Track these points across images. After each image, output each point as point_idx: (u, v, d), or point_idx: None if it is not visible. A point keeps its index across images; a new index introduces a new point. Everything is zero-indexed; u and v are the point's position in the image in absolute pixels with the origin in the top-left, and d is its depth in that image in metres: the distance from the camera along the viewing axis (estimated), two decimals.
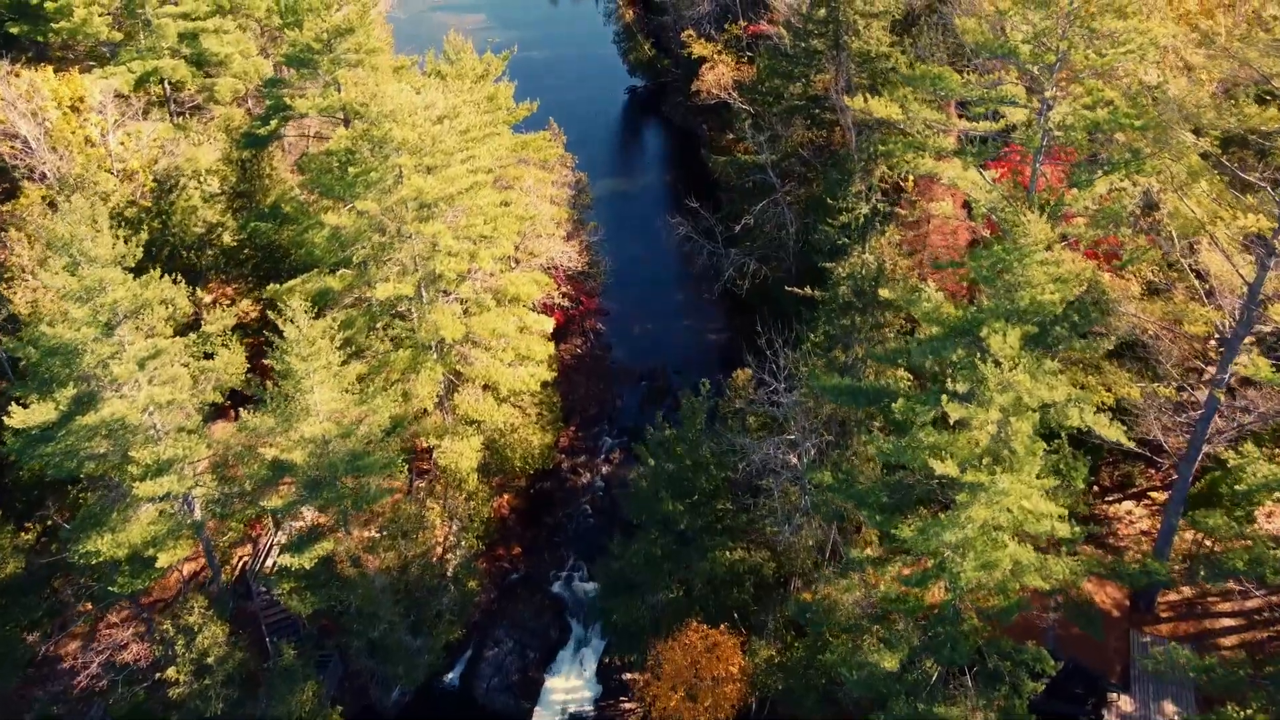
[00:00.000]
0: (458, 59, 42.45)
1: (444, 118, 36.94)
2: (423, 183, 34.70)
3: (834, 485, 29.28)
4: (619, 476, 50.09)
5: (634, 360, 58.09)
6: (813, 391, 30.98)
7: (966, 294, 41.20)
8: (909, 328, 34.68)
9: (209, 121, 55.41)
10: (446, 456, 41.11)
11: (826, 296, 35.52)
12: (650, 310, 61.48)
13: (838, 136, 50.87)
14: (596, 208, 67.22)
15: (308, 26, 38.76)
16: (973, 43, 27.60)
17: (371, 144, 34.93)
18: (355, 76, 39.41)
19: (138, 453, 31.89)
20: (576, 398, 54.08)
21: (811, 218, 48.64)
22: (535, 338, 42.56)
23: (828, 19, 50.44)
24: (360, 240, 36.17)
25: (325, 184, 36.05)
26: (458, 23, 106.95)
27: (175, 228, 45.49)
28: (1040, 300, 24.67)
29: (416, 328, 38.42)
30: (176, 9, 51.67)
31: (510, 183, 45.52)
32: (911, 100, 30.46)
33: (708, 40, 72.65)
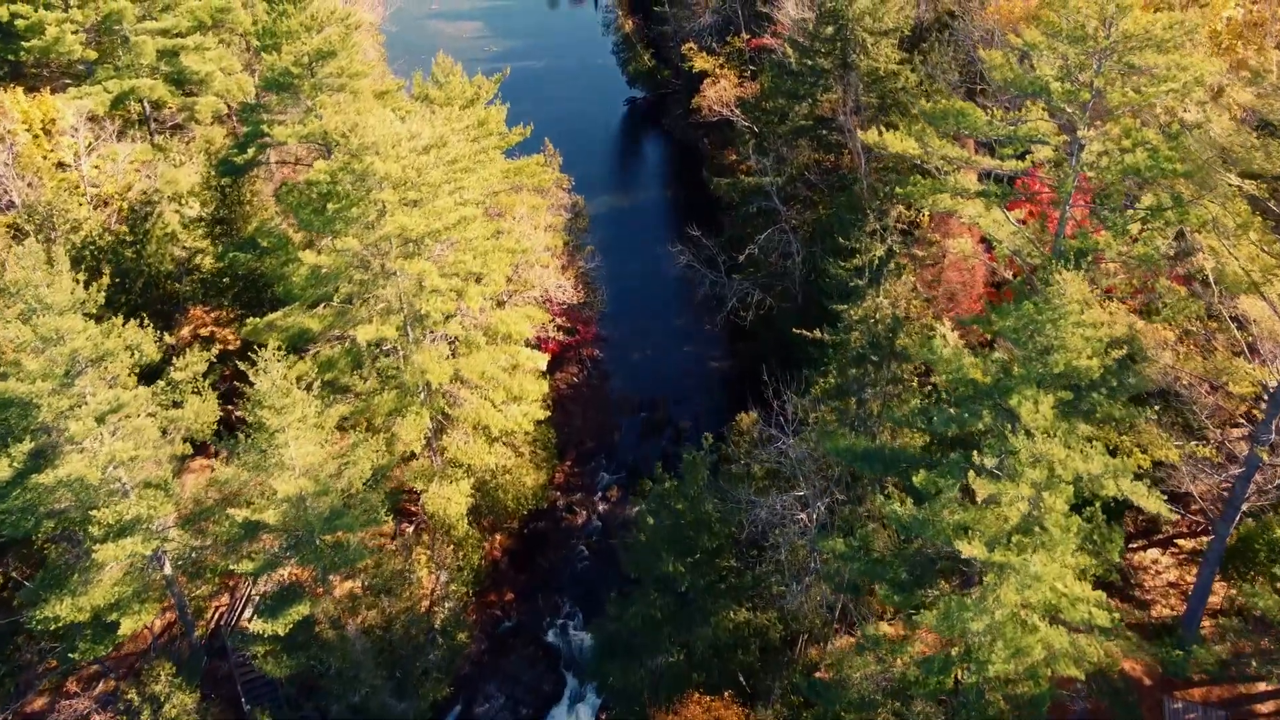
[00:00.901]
0: (446, 82, 40.27)
1: (430, 148, 34.74)
2: (407, 219, 32.53)
3: (847, 554, 27.09)
4: (617, 515, 47.90)
5: (633, 389, 55.86)
6: (824, 453, 28.76)
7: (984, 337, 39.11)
8: (928, 382, 32.49)
9: (190, 141, 53.31)
10: (434, 502, 38.96)
11: (837, 340, 33.35)
12: (650, 335, 59.30)
13: (846, 160, 48.71)
14: (594, 227, 65.15)
15: (286, 50, 36.59)
16: (1000, 80, 25.44)
17: (352, 177, 32.75)
18: (337, 102, 37.28)
19: (99, 512, 29.73)
20: (572, 430, 51.87)
21: (818, 245, 46.45)
22: (528, 376, 40.38)
23: (835, 36, 48.30)
24: (341, 278, 33.99)
25: (304, 218, 33.86)
26: (454, 32, 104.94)
27: (150, 257, 43.31)
28: (1076, 365, 22.47)
29: (401, 369, 36.23)
30: (155, 25, 49.55)
31: (502, 211, 43.35)
32: (930, 136, 28.27)
33: (709, 53, 70.56)
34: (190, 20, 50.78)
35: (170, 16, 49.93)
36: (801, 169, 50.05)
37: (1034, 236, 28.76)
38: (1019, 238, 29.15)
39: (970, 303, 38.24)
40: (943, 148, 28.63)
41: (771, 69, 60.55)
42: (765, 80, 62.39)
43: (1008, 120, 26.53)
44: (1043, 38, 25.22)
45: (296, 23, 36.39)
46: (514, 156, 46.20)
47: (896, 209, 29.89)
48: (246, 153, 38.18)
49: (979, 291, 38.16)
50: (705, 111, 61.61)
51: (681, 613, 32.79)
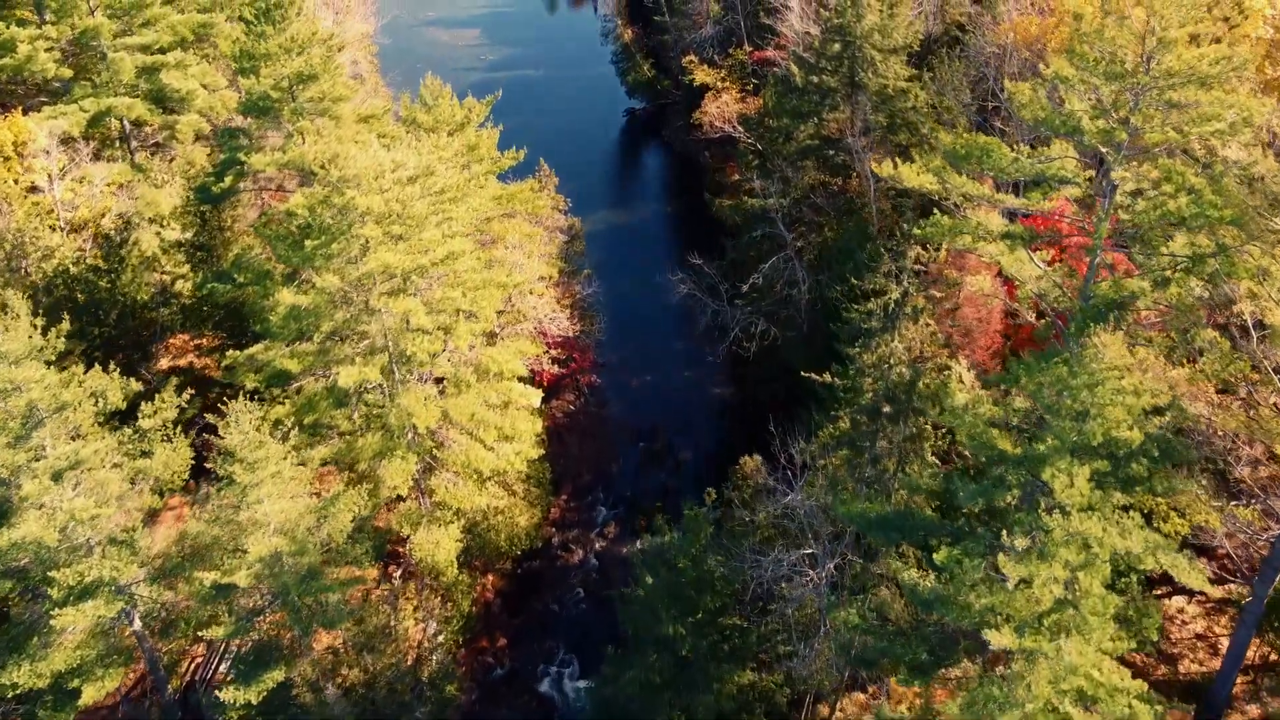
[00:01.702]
0: (435, 105, 38.26)
1: (416, 178, 32.74)
2: (391, 256, 30.54)
3: (861, 626, 25.13)
4: (614, 553, 45.92)
5: (632, 416, 53.84)
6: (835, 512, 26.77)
7: (1001, 369, 37.13)
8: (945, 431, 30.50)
9: (172, 160, 51.31)
10: (422, 548, 36.94)
11: (848, 385, 31.38)
12: (649, 359, 57.20)
13: (854, 184, 46.75)
14: (592, 245, 63.16)
15: (265, 74, 34.59)
16: (1029, 118, 23.44)
17: (332, 212, 30.76)
18: (319, 128, 35.33)
19: (60, 573, 27.72)
20: (569, 461, 49.88)
21: (825, 273, 44.50)
22: (521, 413, 38.39)
23: (842, 54, 46.35)
24: (322, 316, 31.97)
25: (282, 253, 31.89)
26: (450, 40, 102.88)
27: (125, 286, 41.31)
28: (1116, 436, 20.47)
29: (386, 411, 34.22)
30: (134, 40, 47.53)
31: (495, 238, 41.36)
32: (949, 172, 26.29)
33: (710, 66, 68.61)
34: (171, 36, 48.78)
35: (150, 32, 47.91)
36: (807, 191, 48.08)
37: (1061, 281, 26.78)
38: (1045, 281, 27.19)
39: (987, 339, 36.30)
40: (963, 185, 26.65)
41: (775, 85, 58.58)
42: (768, 95, 60.46)
43: (1035, 159, 24.54)
44: (1074, 71, 23.25)
45: (275, 45, 34.41)
46: (508, 178, 44.22)
47: (914, 250, 27.94)
48: (224, 181, 36.18)
49: (996, 328, 36.19)
50: (706, 128, 59.62)
51: (682, 676, 30.80)
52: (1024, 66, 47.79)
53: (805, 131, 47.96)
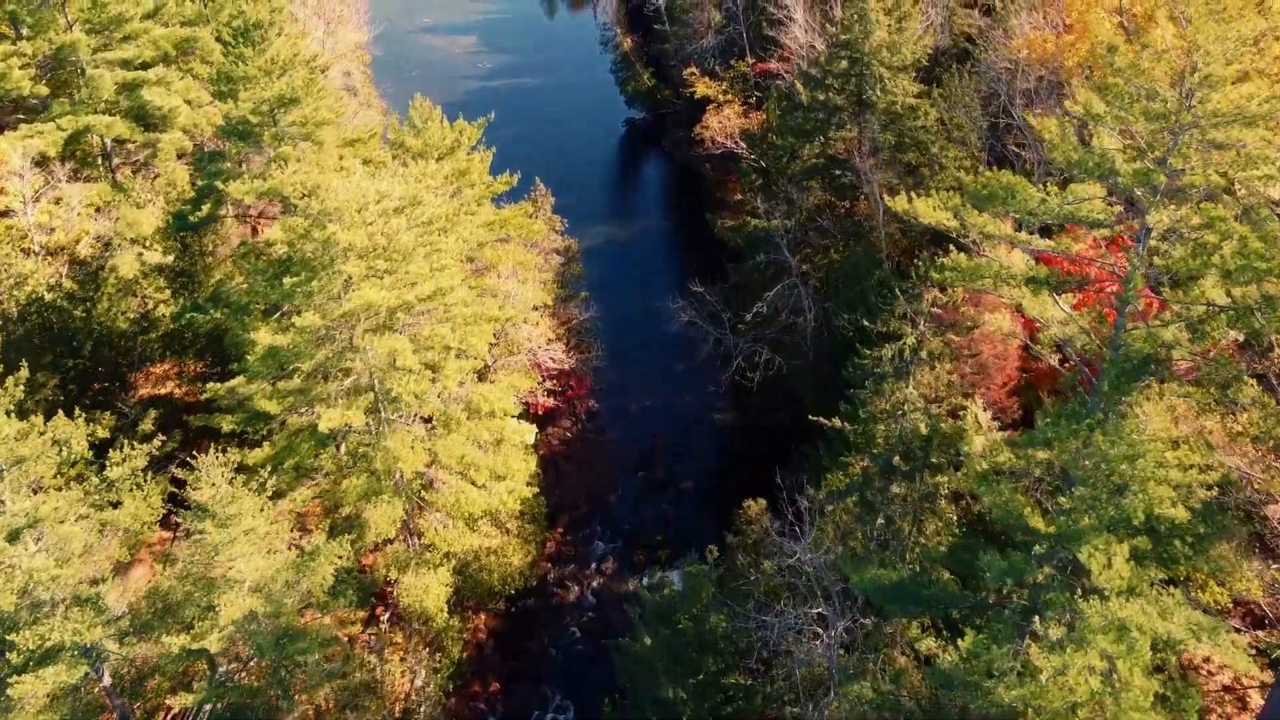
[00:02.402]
0: (424, 128, 36.47)
1: (403, 208, 30.98)
2: (375, 294, 28.76)
3: (876, 701, 23.36)
4: (612, 591, 44.16)
5: (630, 442, 52.04)
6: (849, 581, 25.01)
7: (1019, 408, 35.41)
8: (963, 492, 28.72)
9: (156, 178, 49.50)
10: (410, 594, 35.23)
11: (858, 430, 29.65)
12: (649, 382, 55.32)
13: (862, 205, 45.00)
14: (590, 261, 61.47)
15: (244, 97, 32.83)
16: (1060, 160, 21.67)
17: (313, 246, 28.99)
18: (301, 152, 33.58)
19: (19, 636, 25.93)
20: (565, 491, 48.08)
21: (832, 300, 42.74)
22: (514, 451, 36.64)
23: (849, 71, 44.59)
24: (302, 357, 30.22)
25: (259, 289, 30.13)
26: (446, 47, 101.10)
27: (102, 315, 39.56)
28: (1159, 514, 18.70)
29: (371, 453, 32.46)
30: (115, 55, 45.74)
31: (487, 266, 39.60)
32: (968, 210, 24.51)
33: (712, 77, 66.79)
34: (154, 50, 46.98)
35: (131, 47, 46.12)
36: (812, 213, 46.32)
37: (1088, 327, 24.99)
38: (1071, 327, 25.39)
39: (1004, 376, 34.53)
40: (983, 224, 24.86)
41: (778, 100, 56.85)
42: (771, 108, 58.73)
43: (1063, 199, 22.77)
44: (1106, 108, 21.48)
45: (255, 67, 32.63)
46: (502, 198, 42.41)
47: (930, 292, 26.21)
48: (201, 209, 34.40)
49: (1014, 364, 34.44)
50: (708, 143, 57.83)
51: None
52: (1039, 84, 46.07)
53: (811, 150, 46.23)
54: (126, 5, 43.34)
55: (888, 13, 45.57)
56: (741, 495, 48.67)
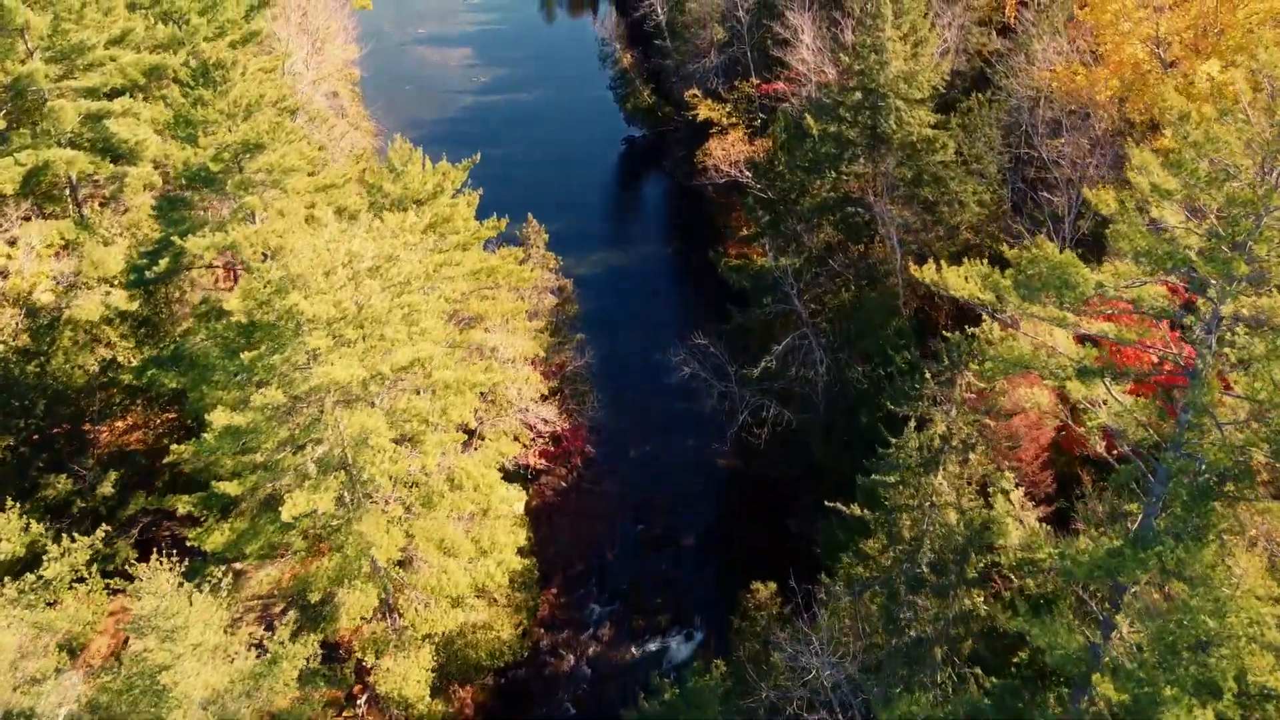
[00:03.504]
0: (404, 171, 33.49)
1: (377, 268, 28.05)
2: (342, 370, 25.82)
3: None
4: (610, 661, 41.22)
5: (628, 491, 49.02)
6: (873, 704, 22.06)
7: (1052, 481, 32.46)
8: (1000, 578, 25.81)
9: (125, 212, 46.56)
10: (388, 681, 32.34)
11: (879, 516, 26.71)
12: (648, 424, 52.32)
13: (877, 248, 42.05)
14: (587, 290, 58.63)
15: (205, 143, 29.89)
16: (1128, 249, 18.72)
17: (274, 317, 26.06)
18: (266, 201, 30.64)
19: None
20: (558, 549, 45.16)
21: (846, 352, 39.80)
22: (501, 523, 33.73)
23: (863, 103, 41.65)
24: (263, 436, 27.27)
25: (215, 362, 27.22)
26: (440, 59, 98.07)
27: (57, 371, 36.62)
28: (1253, 681, 15.74)
29: (342, 536, 29.52)
30: (78, 84, 42.80)
31: (475, 317, 36.66)
32: (1008, 288, 21.57)
33: (715, 99, 63.88)
34: (121, 78, 44.05)
35: (96, 74, 43.21)
36: (823, 253, 43.36)
37: (1147, 420, 22.04)
38: (1126, 418, 22.44)
39: (1037, 448, 31.59)
40: (1025, 306, 21.88)
41: (785, 126, 53.94)
42: (776, 133, 55.82)
43: (1125, 282, 19.84)
44: (1178, 184, 18.56)
45: (215, 111, 29.69)
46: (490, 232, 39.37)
47: (964, 377, 23.29)
48: (158, 264, 31.44)
49: (1048, 438, 31.51)
50: (711, 172, 54.85)
51: None
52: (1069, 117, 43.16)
53: (822, 185, 43.24)
54: (88, 32, 40.40)
55: (903, 38, 42.68)
56: (746, 552, 46.15)
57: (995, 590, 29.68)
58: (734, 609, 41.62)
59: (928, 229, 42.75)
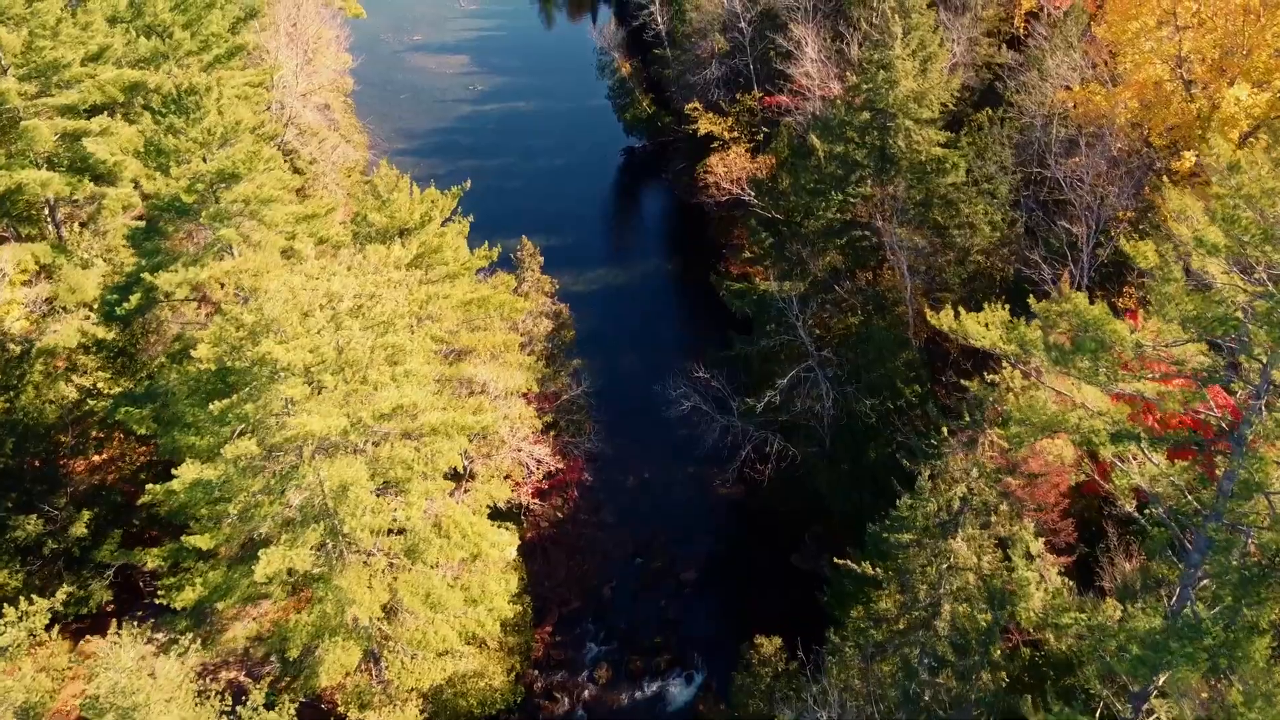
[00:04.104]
0: (390, 199, 31.79)
1: (359, 308, 26.38)
2: (319, 422, 24.16)
3: None
4: (607, 704, 39.55)
5: (627, 522, 47.28)
6: None
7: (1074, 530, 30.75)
8: None
9: (106, 234, 44.87)
10: None
11: (890, 575, 25.03)
12: (647, 448, 50.37)
13: (886, 276, 40.39)
14: (585, 308, 57.01)
15: (177, 173, 28.22)
16: (1176, 315, 17.04)
17: (247, 364, 24.40)
18: (242, 234, 28.98)
19: None
20: (553, 584, 43.43)
21: (853, 386, 38.11)
22: (492, 571, 32.05)
23: (870, 124, 40.01)
24: (236, 489, 25.61)
25: (184, 411, 25.55)
26: (436, 68, 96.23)
27: (28, 406, 34.96)
28: None
29: (322, 590, 27.84)
30: (53, 102, 41.15)
31: (464, 350, 34.99)
32: (1035, 343, 19.91)
33: (716, 111, 62.19)
34: (99, 95, 42.38)
35: (73, 92, 41.56)
36: (829, 278, 41.68)
37: (1185, 485, 20.37)
38: (1162, 483, 20.78)
39: (1058, 496, 29.85)
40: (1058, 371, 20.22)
41: (789, 140, 52.35)
42: (780, 147, 54.23)
43: (1167, 344, 18.17)
44: (1229, 241, 16.90)
45: (188, 139, 28.01)
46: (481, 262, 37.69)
47: (986, 436, 21.64)
48: (129, 300, 29.76)
49: (1069, 483, 29.78)
50: (713, 190, 53.18)
51: None
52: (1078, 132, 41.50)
53: (828, 208, 41.52)
54: (63, 50, 38.74)
55: (912, 54, 41.01)
56: (749, 587, 44.44)
57: (1014, 644, 28.07)
58: (736, 649, 40.01)
59: (938, 252, 41.08)
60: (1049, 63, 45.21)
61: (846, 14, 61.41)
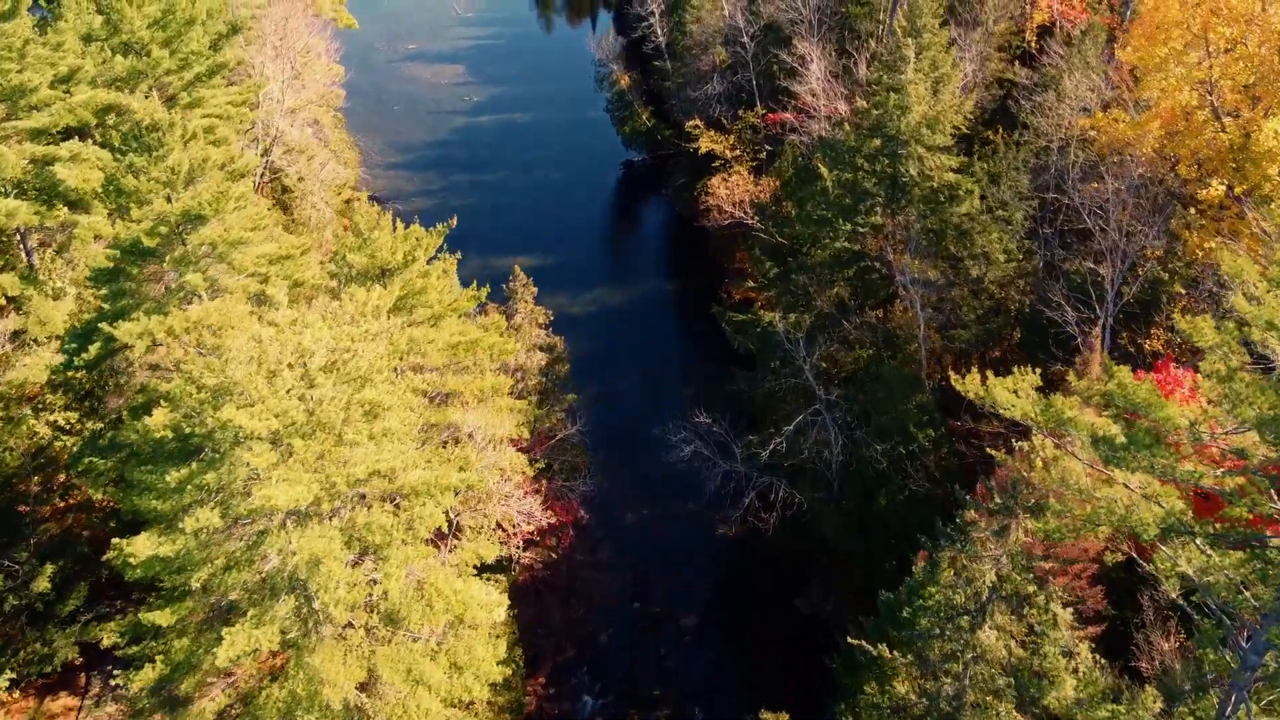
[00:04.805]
0: (371, 239, 29.71)
1: (332, 365, 24.32)
2: (285, 493, 22.09)
3: None
4: None
5: (625, 563, 45.25)
6: None
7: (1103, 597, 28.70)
8: None
9: (74, 265, 42.75)
10: None
11: (909, 661, 22.97)
12: (646, 483, 48.32)
13: (898, 313, 38.36)
14: (581, 331, 55.23)
15: (138, 215, 26.18)
16: (1250, 419, 14.87)
17: (206, 431, 22.37)
18: (209, 279, 26.95)
19: None
20: (547, 633, 41.41)
21: (862, 430, 36.07)
22: (479, 635, 29.93)
23: (881, 151, 38.00)
24: (196, 565, 23.56)
25: (142, 478, 23.51)
26: (431, 78, 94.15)
27: None
28: None
29: (293, 666, 25.78)
30: (23, 124, 39.12)
31: (449, 394, 32.96)
32: (1074, 422, 17.87)
33: (718, 129, 60.17)
34: (71, 119, 40.32)
35: (43, 115, 39.49)
36: (836, 312, 39.63)
37: (1241, 580, 18.32)
38: (1215, 574, 18.73)
39: (1087, 562, 27.82)
40: (1109, 469, 18.14)
41: (793, 159, 50.40)
42: (784, 168, 52.29)
43: (1222, 429, 16.15)
44: None
45: (150, 180, 25.96)
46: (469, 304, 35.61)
47: (1020, 524, 19.58)
48: (88, 350, 27.71)
49: (1098, 547, 27.75)
50: (714, 214, 51.17)
51: None
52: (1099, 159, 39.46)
53: (837, 237, 39.46)
54: (29, 73, 36.70)
55: (924, 75, 38.98)
56: (752, 634, 42.38)
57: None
58: (737, 704, 38.06)
59: (951, 284, 39.01)
60: (1067, 83, 43.17)
61: (853, 27, 59.51)
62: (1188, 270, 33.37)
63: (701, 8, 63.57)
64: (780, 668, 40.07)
